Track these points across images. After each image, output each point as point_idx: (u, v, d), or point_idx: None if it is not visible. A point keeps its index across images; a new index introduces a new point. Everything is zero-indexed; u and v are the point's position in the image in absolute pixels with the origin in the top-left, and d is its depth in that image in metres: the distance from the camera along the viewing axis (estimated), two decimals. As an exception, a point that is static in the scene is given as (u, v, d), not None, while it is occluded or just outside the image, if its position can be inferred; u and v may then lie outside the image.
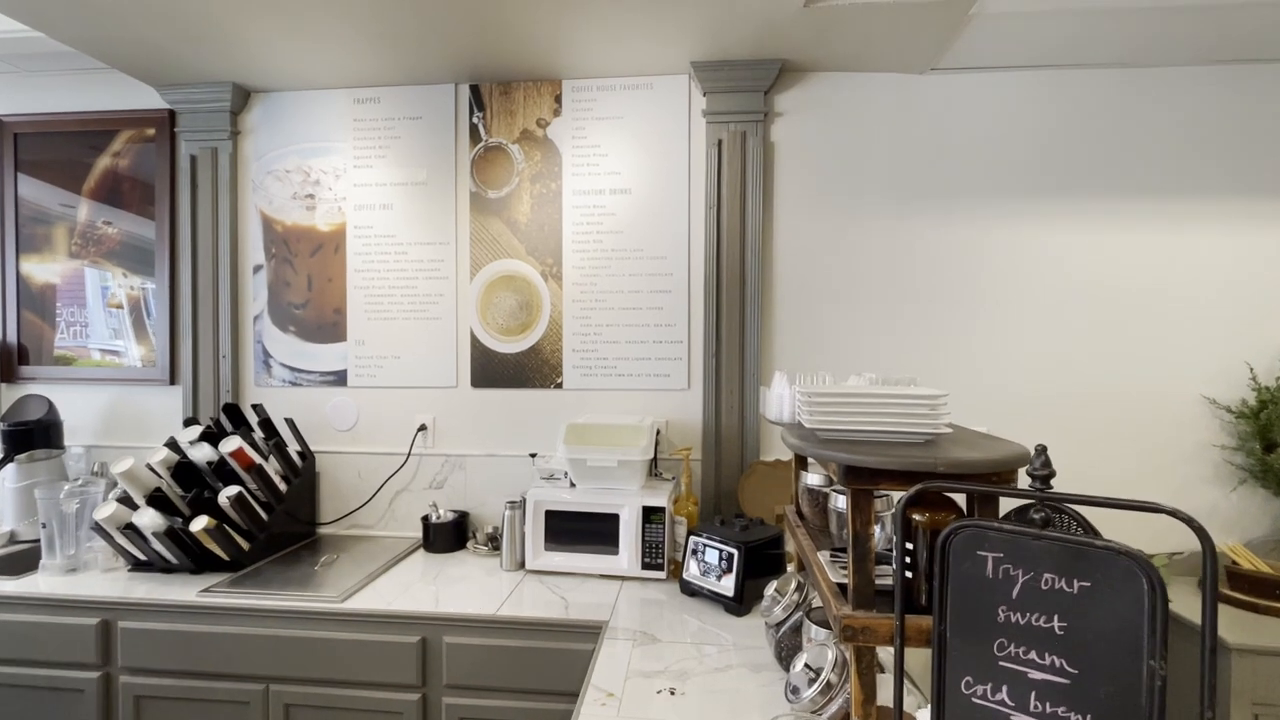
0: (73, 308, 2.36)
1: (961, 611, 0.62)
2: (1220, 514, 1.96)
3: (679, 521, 1.86)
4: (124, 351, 2.33)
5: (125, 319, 2.33)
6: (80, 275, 2.34)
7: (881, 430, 0.88)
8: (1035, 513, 0.61)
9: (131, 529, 1.73)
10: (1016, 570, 0.59)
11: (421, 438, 2.20)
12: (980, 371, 2.01)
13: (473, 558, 2.00)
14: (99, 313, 2.35)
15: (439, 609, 1.60)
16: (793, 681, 1.03)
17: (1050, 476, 0.61)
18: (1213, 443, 1.94)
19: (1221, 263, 1.93)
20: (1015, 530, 0.59)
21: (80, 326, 2.35)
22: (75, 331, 2.36)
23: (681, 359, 2.10)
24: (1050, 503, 0.61)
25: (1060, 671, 0.57)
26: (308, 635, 1.60)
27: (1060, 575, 0.57)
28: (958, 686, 0.62)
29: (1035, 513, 0.61)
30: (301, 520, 2.14)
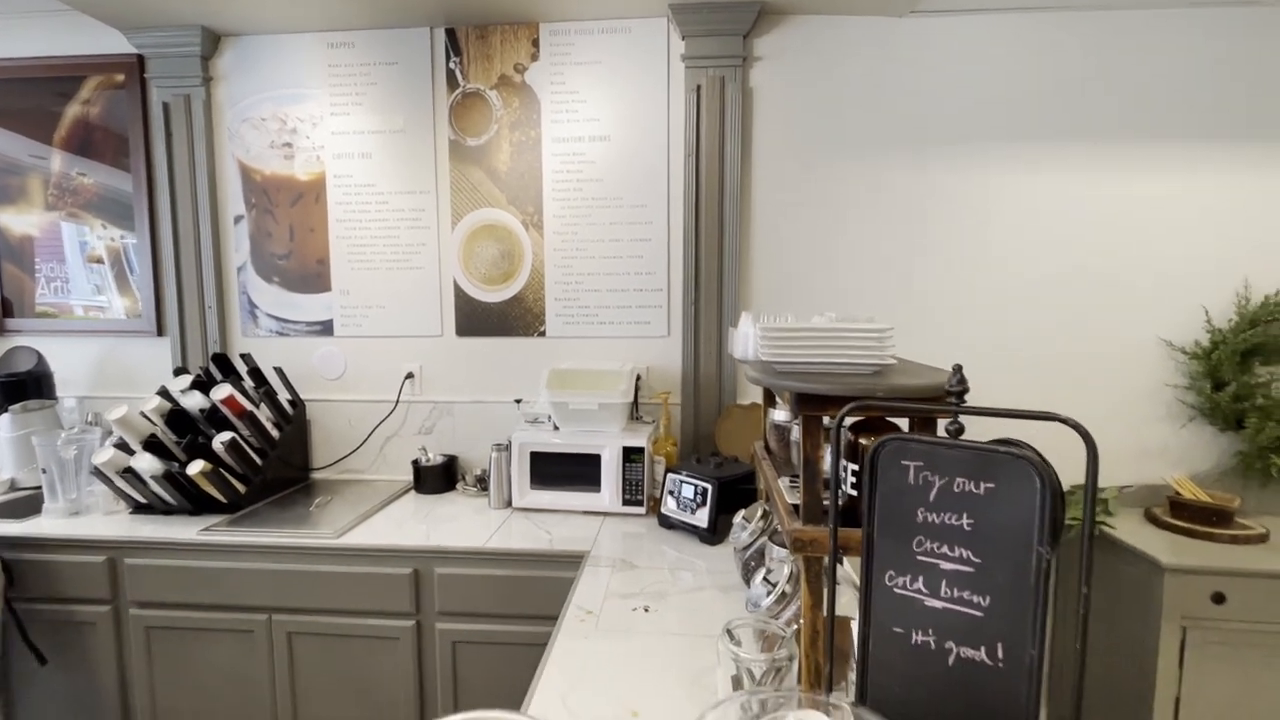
0: (52, 263, 2.36)
1: (887, 514, 0.70)
2: (1171, 449, 2.07)
3: (658, 461, 1.95)
4: (108, 306, 2.35)
5: (107, 273, 2.34)
6: (57, 229, 2.33)
7: (833, 362, 0.95)
8: (950, 425, 0.68)
9: (131, 473, 1.80)
10: (934, 476, 0.67)
11: (409, 385, 2.26)
12: (951, 314, 2.08)
13: (462, 498, 2.09)
14: (79, 268, 2.35)
15: (430, 543, 1.70)
16: (752, 595, 1.13)
17: (964, 393, 0.68)
18: (1167, 383, 2.04)
19: (1182, 210, 1.98)
20: (933, 441, 0.67)
21: (61, 282, 2.36)
22: (56, 287, 2.36)
23: (661, 307, 2.15)
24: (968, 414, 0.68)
25: (967, 562, 0.65)
26: (306, 569, 1.70)
27: (970, 479, 0.65)
28: (882, 579, 0.71)
29: (950, 425, 0.68)
30: (294, 466, 2.22)
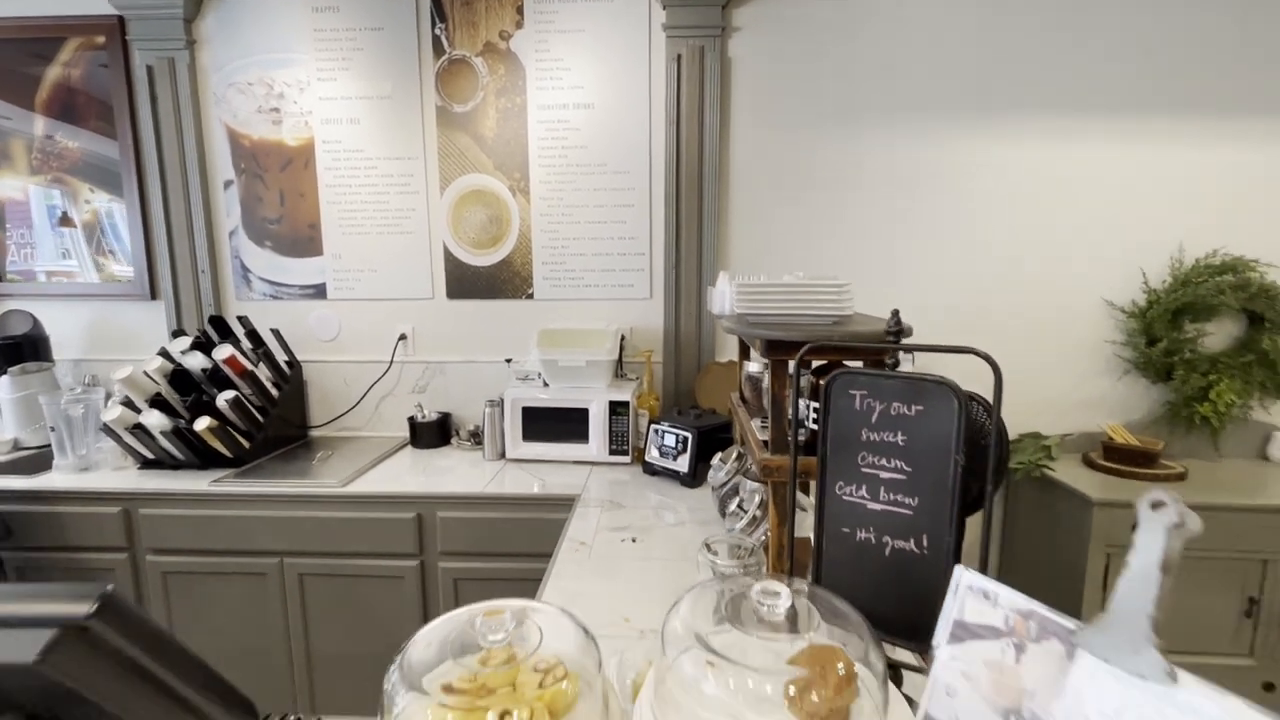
0: (22, 229, 2.37)
1: (838, 436, 0.84)
2: (1109, 400, 2.27)
3: (642, 414, 2.09)
4: (77, 271, 2.37)
5: (78, 238, 2.36)
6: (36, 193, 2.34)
7: (798, 314, 1.08)
8: (889, 359, 0.82)
9: (140, 429, 1.89)
10: (875, 402, 0.81)
11: (402, 346, 2.36)
12: (914, 274, 2.23)
13: (457, 452, 2.22)
14: (47, 233, 2.36)
15: (431, 489, 1.82)
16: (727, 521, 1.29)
17: (900, 333, 0.82)
18: (1106, 339, 2.22)
19: (1125, 178, 2.13)
20: (874, 373, 0.81)
21: (30, 248, 2.37)
22: (26, 254, 2.37)
23: (644, 270, 2.26)
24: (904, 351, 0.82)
25: (900, 471, 0.80)
26: (314, 515, 1.82)
27: (904, 403, 0.79)
28: (834, 489, 0.85)
29: (889, 359, 0.82)
30: (294, 424, 2.32)
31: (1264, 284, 2.07)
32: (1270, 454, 2.17)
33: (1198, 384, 2.09)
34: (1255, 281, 2.07)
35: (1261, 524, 1.81)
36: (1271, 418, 2.20)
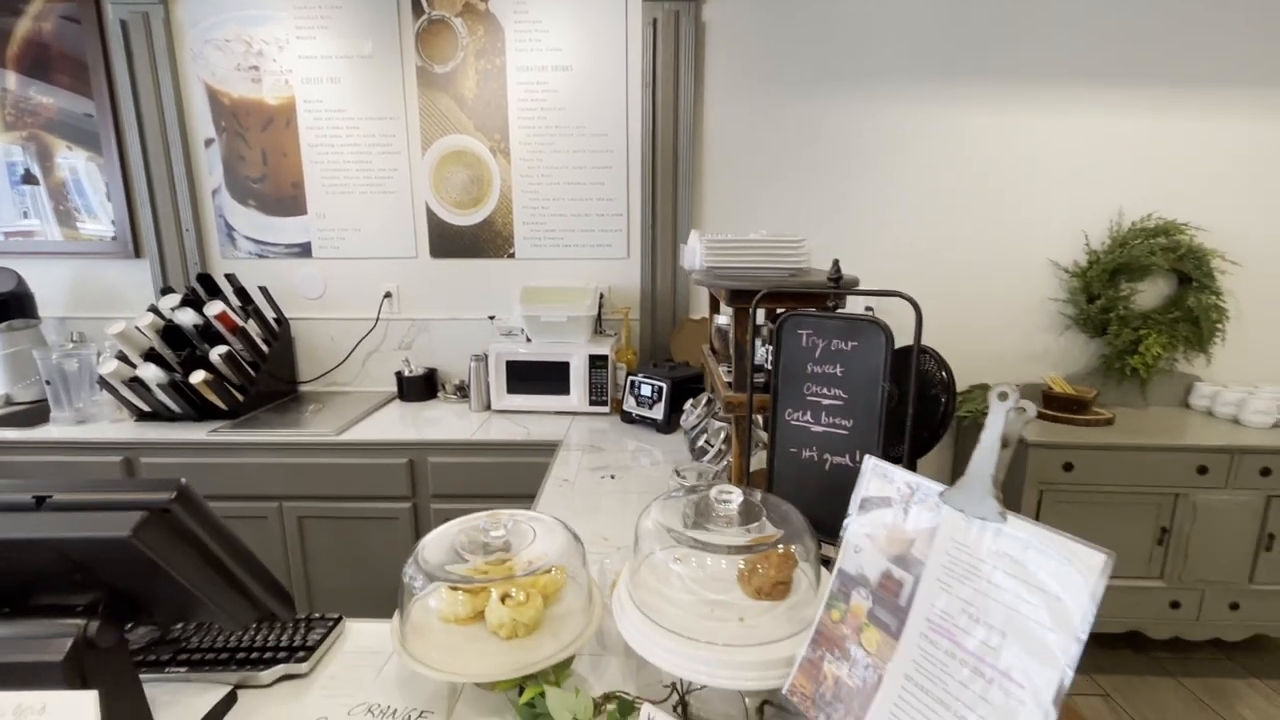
0: None
1: (787, 369, 0.98)
2: (1051, 353, 2.45)
3: (620, 367, 2.21)
4: (40, 231, 2.38)
5: (41, 196, 2.36)
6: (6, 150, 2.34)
7: (760, 266, 1.21)
8: (830, 302, 0.95)
9: (136, 382, 1.96)
10: (818, 339, 0.94)
11: (387, 304, 2.44)
12: (875, 235, 2.36)
13: (444, 404, 2.33)
14: (6, 191, 2.36)
15: (421, 437, 1.94)
16: (696, 457, 1.43)
17: (839, 280, 0.95)
18: (1051, 297, 2.40)
19: (1070, 144, 2.27)
20: (818, 315, 0.94)
21: None
22: None
23: (621, 230, 2.36)
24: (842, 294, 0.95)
25: (838, 398, 0.94)
26: (310, 462, 1.92)
27: (842, 339, 0.93)
28: (783, 416, 1.00)
29: (830, 302, 0.95)
30: (284, 379, 2.40)
31: (1192, 246, 2.25)
32: (1191, 402, 2.39)
33: (1129, 338, 2.28)
34: (1185, 244, 2.25)
35: (1175, 462, 2.03)
36: (1194, 370, 2.41)
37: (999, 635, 0.50)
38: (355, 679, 0.87)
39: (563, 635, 0.81)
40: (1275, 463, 2.00)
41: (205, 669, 0.85)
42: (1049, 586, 0.48)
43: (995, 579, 0.51)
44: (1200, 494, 2.04)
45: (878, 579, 0.61)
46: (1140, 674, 2.21)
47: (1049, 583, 0.48)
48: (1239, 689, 2.14)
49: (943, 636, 0.54)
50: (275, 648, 0.89)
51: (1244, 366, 2.39)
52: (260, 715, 0.80)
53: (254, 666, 0.86)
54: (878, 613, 0.60)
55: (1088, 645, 1.36)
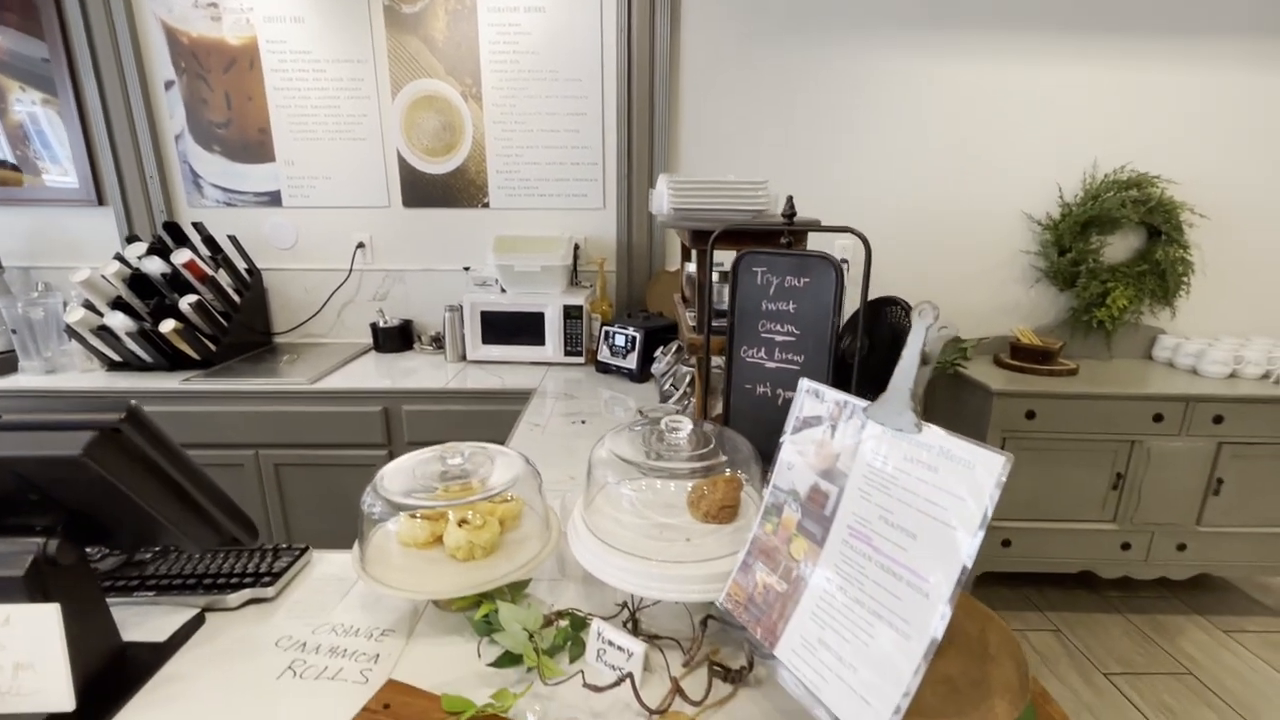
0: None
1: (742, 307, 1.00)
2: (1022, 306, 2.49)
3: (595, 318, 2.22)
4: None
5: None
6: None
7: (722, 208, 1.21)
8: (784, 239, 0.96)
9: (105, 331, 1.94)
10: (772, 277, 0.96)
11: (361, 255, 2.41)
12: (854, 185, 2.36)
13: (420, 355, 2.33)
14: None
15: (397, 385, 1.95)
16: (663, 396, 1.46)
17: (793, 216, 0.96)
18: (1023, 249, 2.42)
19: (1047, 94, 2.26)
20: (772, 252, 0.95)
21: None
22: None
23: (597, 180, 2.33)
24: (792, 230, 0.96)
25: (790, 334, 0.96)
26: (286, 410, 1.93)
27: (795, 276, 0.94)
28: (739, 353, 1.02)
29: (784, 239, 0.96)
30: (257, 330, 2.39)
31: (1163, 199, 2.27)
32: (1154, 355, 2.45)
33: (1097, 291, 2.32)
34: (1156, 196, 2.27)
35: (1133, 410, 2.09)
36: (1158, 323, 2.46)
37: (910, 537, 0.53)
38: (320, 603, 0.90)
39: (518, 558, 0.85)
40: (1227, 410, 2.07)
41: (174, 593, 0.88)
42: (955, 489, 0.51)
43: (909, 485, 0.54)
44: (1155, 441, 2.11)
45: (807, 492, 0.64)
46: (1090, 611, 2.32)
47: (956, 485, 0.51)
48: (1181, 624, 2.27)
49: (861, 541, 0.57)
50: (243, 574, 0.92)
51: (1206, 319, 2.45)
52: (227, 635, 0.84)
53: (221, 591, 0.88)
54: (805, 523, 0.63)
55: (1041, 584, 1.44)
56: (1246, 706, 1.89)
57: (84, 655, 0.70)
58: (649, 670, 0.77)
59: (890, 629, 0.53)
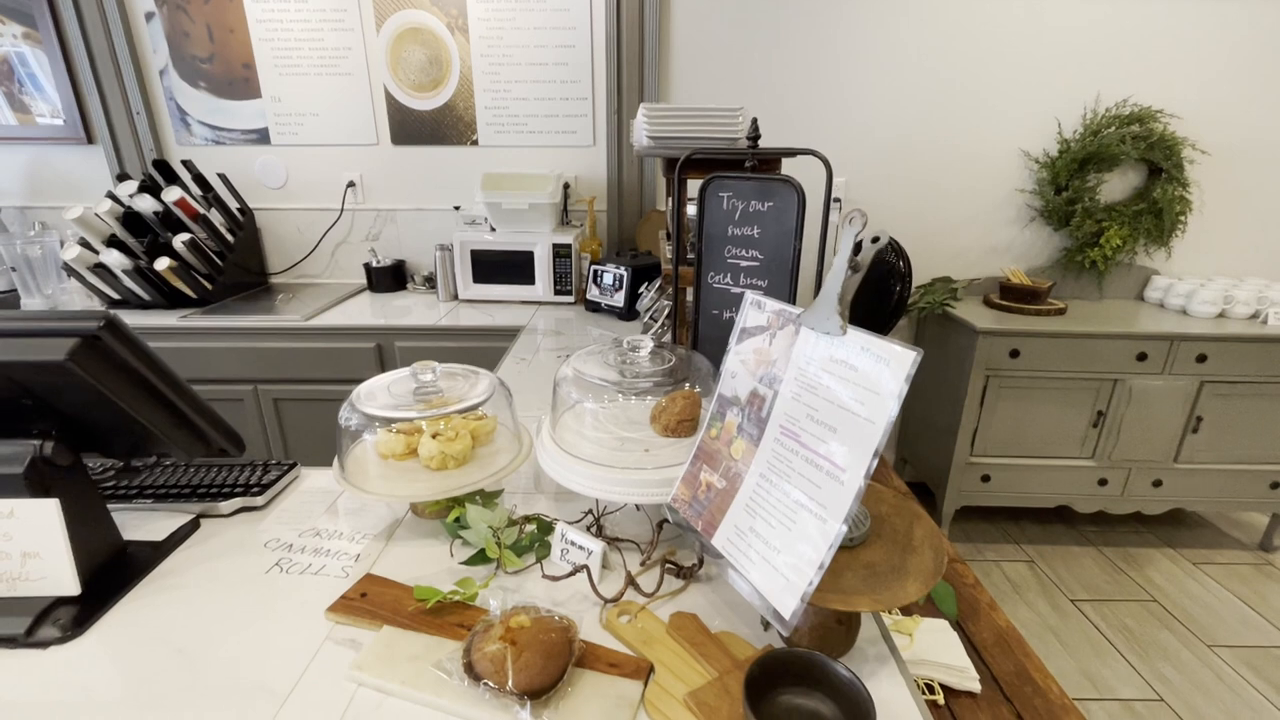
0: None
1: (710, 233, 1.01)
2: (1015, 247, 2.48)
3: (584, 257, 2.23)
4: None
5: None
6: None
7: (698, 136, 1.21)
8: (748, 164, 0.97)
9: (102, 268, 1.97)
10: (737, 201, 0.97)
11: (351, 194, 2.41)
12: (849, 121, 2.31)
13: (413, 295, 2.36)
14: None
15: (389, 323, 1.99)
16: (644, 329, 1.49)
17: (757, 138, 0.97)
18: (1018, 188, 2.39)
19: (1045, 26, 2.18)
20: (737, 176, 0.96)
21: None
22: None
23: (586, 115, 2.30)
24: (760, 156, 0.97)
25: (755, 259, 0.99)
26: (281, 346, 1.98)
27: (759, 200, 0.95)
28: (707, 279, 1.04)
29: (748, 164, 0.97)
30: (252, 271, 2.41)
31: (1164, 134, 2.22)
32: (1146, 295, 2.45)
33: (1091, 230, 2.30)
34: (1157, 131, 2.22)
35: (1117, 349, 2.11)
36: (1153, 264, 2.45)
37: (831, 431, 0.57)
38: (306, 511, 0.96)
39: (489, 469, 0.90)
40: (1212, 349, 2.09)
41: (170, 501, 0.94)
42: (871, 384, 0.55)
43: (833, 385, 0.58)
44: (1137, 379, 2.14)
45: (747, 397, 0.67)
46: (1065, 544, 2.41)
47: (872, 381, 0.55)
48: (1153, 557, 2.35)
49: (790, 438, 0.61)
50: (234, 485, 0.98)
51: (1201, 260, 2.43)
52: (219, 538, 0.90)
53: (214, 499, 0.95)
54: (745, 426, 0.67)
55: (1020, 519, 1.50)
56: (1204, 629, 1.99)
57: (87, 549, 0.76)
58: (609, 569, 0.83)
59: (810, 515, 0.57)
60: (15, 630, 0.70)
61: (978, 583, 1.19)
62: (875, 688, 0.64)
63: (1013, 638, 1.04)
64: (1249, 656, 1.89)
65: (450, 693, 0.62)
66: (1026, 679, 0.95)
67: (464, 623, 0.71)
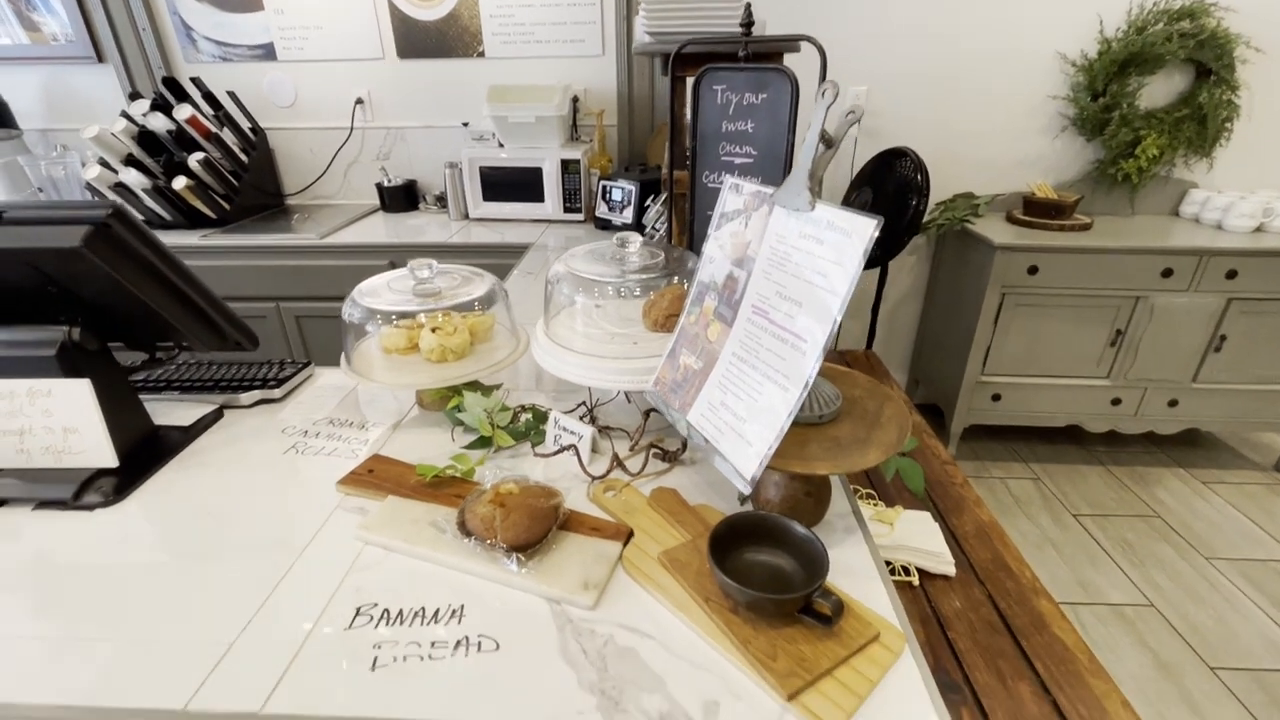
0: None
1: (704, 131, 1.00)
2: (1045, 159, 2.37)
3: (594, 173, 2.21)
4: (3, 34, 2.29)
5: None
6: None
7: (696, 30, 1.17)
8: (742, 53, 0.94)
9: (122, 187, 2.02)
10: (731, 94, 0.95)
11: (360, 111, 2.39)
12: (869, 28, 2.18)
13: (425, 214, 2.38)
14: None
15: (403, 240, 2.02)
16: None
17: (750, 25, 0.93)
18: (1052, 95, 2.25)
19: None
20: (730, 67, 0.94)
21: None
22: None
23: (595, 23, 2.21)
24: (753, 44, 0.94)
25: (748, 155, 0.97)
26: (300, 264, 2.03)
27: (753, 93, 0.93)
28: (701, 178, 1.04)
29: (742, 53, 0.94)
30: (268, 192, 2.44)
31: (1217, 30, 2.05)
32: (1181, 210, 2.34)
33: (1127, 139, 2.18)
34: (1209, 28, 2.05)
35: (1141, 264, 2.04)
36: (1192, 176, 2.32)
37: (797, 305, 0.59)
38: (321, 403, 1.03)
39: (487, 362, 0.94)
40: (1243, 265, 2.01)
41: (195, 393, 1.02)
42: (835, 255, 0.56)
43: (800, 260, 0.59)
44: (1161, 296, 2.08)
45: (723, 281, 0.69)
46: (1073, 463, 2.42)
47: (836, 253, 0.56)
48: (1162, 476, 2.36)
49: (760, 315, 0.63)
50: (253, 379, 1.04)
51: (1245, 172, 2.30)
52: (240, 426, 0.97)
53: (235, 392, 1.01)
54: (720, 309, 0.69)
55: (1029, 438, 1.52)
56: (1203, 542, 2.02)
57: (121, 427, 0.83)
58: (598, 453, 0.88)
59: (774, 385, 0.60)
60: (64, 495, 0.78)
61: (966, 482, 1.23)
62: (840, 555, 0.69)
63: (994, 531, 1.09)
64: (1247, 569, 1.92)
65: (446, 547, 0.68)
66: (1001, 565, 1.00)
67: (460, 494, 0.77)
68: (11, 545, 0.73)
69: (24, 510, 0.78)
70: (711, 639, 0.58)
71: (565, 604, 0.63)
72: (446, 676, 0.56)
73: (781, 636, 0.57)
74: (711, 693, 0.54)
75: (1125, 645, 1.68)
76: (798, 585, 0.60)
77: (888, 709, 0.53)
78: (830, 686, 0.54)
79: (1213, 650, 1.66)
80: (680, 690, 0.54)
